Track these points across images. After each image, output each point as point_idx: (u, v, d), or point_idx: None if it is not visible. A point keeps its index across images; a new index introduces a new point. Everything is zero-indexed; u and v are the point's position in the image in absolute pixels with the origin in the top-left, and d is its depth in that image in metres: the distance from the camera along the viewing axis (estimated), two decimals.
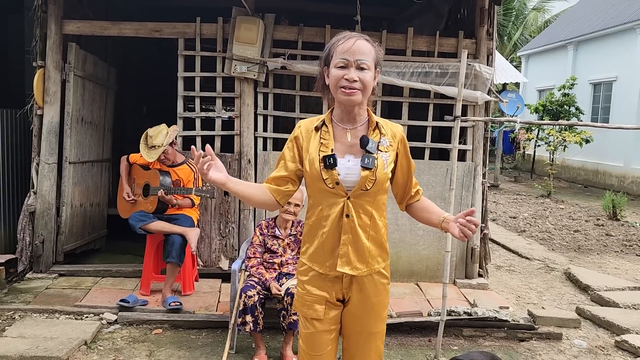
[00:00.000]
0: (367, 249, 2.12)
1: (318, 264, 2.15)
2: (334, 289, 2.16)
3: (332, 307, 2.17)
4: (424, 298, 4.96)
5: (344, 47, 2.00)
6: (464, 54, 3.71)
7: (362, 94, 2.03)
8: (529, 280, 6.12)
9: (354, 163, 2.08)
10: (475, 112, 5.19)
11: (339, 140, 2.12)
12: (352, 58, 1.99)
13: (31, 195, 5.10)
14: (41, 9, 5.00)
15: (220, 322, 4.22)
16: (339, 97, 2.04)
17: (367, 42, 2.04)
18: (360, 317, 2.18)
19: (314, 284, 2.16)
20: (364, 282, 2.15)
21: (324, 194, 2.10)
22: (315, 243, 2.14)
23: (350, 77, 1.98)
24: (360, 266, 2.12)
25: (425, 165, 5.24)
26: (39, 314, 4.26)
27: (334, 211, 2.08)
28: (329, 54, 2.07)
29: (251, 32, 4.88)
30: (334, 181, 2.06)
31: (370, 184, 2.06)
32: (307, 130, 2.15)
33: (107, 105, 6.11)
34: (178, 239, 4.48)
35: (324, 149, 2.09)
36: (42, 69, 5.05)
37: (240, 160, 5.17)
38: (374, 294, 2.17)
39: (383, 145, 2.11)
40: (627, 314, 4.85)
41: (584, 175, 16.35)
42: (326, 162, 2.05)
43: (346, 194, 2.07)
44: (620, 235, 8.64)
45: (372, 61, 2.03)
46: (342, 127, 2.13)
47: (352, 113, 2.10)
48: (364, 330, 2.19)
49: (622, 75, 15.10)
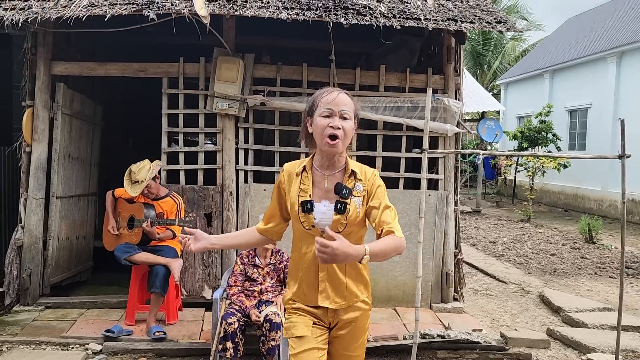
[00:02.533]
0: (344, 285, 2.30)
1: (301, 300, 2.35)
2: (320, 318, 2.35)
3: (319, 327, 2.34)
4: (400, 322, 5.14)
5: (328, 98, 2.24)
6: (429, 90, 4.00)
7: (343, 143, 2.24)
8: (504, 303, 6.33)
9: (328, 208, 2.27)
10: (445, 144, 5.47)
11: (317, 186, 2.32)
12: (337, 108, 2.22)
13: (19, 230, 5.25)
14: (31, 51, 5.25)
15: (203, 349, 4.36)
16: (323, 147, 2.25)
17: (347, 96, 2.29)
18: (342, 341, 2.37)
19: (301, 313, 2.35)
20: (349, 309, 2.34)
21: (303, 234, 2.32)
22: (297, 280, 2.35)
23: (335, 125, 2.20)
24: (339, 300, 2.31)
25: (399, 194, 5.49)
26: (25, 346, 4.37)
27: (311, 250, 2.25)
28: (313, 105, 2.29)
29: (232, 72, 5.16)
30: (310, 224, 2.27)
31: (342, 227, 2.24)
32: (289, 175, 2.37)
33: (93, 141, 6.32)
34: (162, 269, 4.65)
35: (303, 194, 2.29)
36: (30, 108, 5.27)
37: (223, 193, 5.38)
38: (356, 319, 2.36)
39: (357, 191, 2.28)
40: (594, 334, 5.07)
41: (564, 200, 16.74)
42: (304, 207, 2.26)
43: (321, 235, 2.20)
44: (594, 258, 8.91)
45: (352, 112, 2.26)
46: (321, 173, 2.33)
47: (332, 160, 2.31)
48: (344, 353, 2.39)
49: (595, 103, 15.65)
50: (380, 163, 5.53)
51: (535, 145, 15.21)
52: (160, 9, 4.56)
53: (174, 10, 4.54)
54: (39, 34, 5.20)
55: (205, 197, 5.39)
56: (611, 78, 14.89)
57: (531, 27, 25.57)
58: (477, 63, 24.60)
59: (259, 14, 4.57)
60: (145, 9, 4.53)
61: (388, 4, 4.85)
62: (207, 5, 4.60)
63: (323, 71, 5.49)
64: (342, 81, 5.42)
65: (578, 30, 19.67)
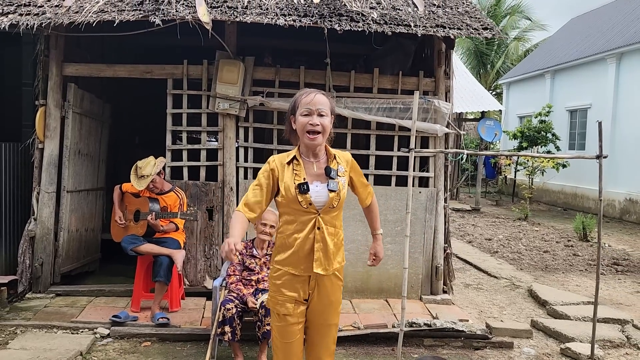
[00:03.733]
0: (332, 253, 2.72)
1: (293, 267, 2.69)
2: (302, 289, 2.72)
3: (299, 304, 2.74)
4: (391, 312, 5.43)
5: (307, 99, 2.65)
6: (416, 93, 4.25)
7: (323, 136, 2.66)
8: (494, 296, 6.60)
9: (321, 187, 2.69)
10: (436, 143, 5.74)
11: (308, 171, 2.71)
12: (314, 107, 2.62)
13: (32, 222, 5.57)
14: (44, 53, 5.56)
15: (203, 335, 4.66)
16: (305, 141, 2.67)
17: (323, 95, 2.68)
18: (321, 312, 2.77)
19: (286, 286, 2.71)
20: (324, 284, 2.74)
21: (299, 213, 2.67)
22: (291, 251, 2.68)
23: (314, 122, 2.61)
24: (329, 267, 2.71)
25: (391, 191, 5.77)
26: (38, 329, 4.69)
27: (307, 225, 2.66)
28: (295, 105, 2.70)
29: (233, 74, 5.45)
30: (307, 202, 2.65)
31: (336, 202, 2.69)
32: (281, 164, 2.73)
33: (102, 138, 6.63)
34: (166, 260, 4.96)
35: (297, 178, 2.67)
36: (43, 106, 5.58)
37: (224, 188, 5.68)
38: (332, 293, 2.78)
39: (340, 172, 2.76)
40: (575, 325, 5.33)
41: (563, 199, 16.94)
42: (301, 188, 2.64)
43: (317, 212, 2.67)
44: (586, 255, 9.15)
45: (328, 109, 2.67)
46: (308, 160, 2.74)
47: (314, 151, 2.73)
48: (324, 322, 2.79)
49: (595, 103, 15.83)
50: (374, 161, 5.81)
51: (535, 144, 15.41)
52: (166, 15, 4.85)
53: (178, 16, 4.83)
54: (52, 37, 5.51)
55: (207, 192, 5.69)
56: (610, 79, 15.07)
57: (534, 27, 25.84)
58: (480, 62, 24.78)
59: (258, 20, 4.86)
60: (152, 15, 4.83)
61: (380, 10, 5.12)
62: (209, 12, 4.89)
63: (319, 73, 5.77)
64: (337, 83, 5.70)
65: (580, 30, 19.82)
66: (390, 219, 5.70)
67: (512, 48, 25.02)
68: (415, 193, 5.62)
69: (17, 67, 6.77)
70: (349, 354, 4.57)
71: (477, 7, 5.64)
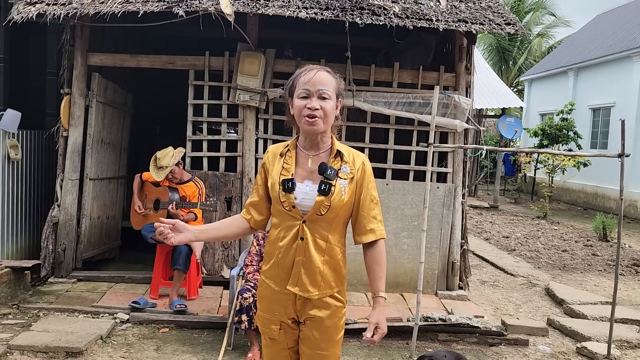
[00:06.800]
0: (320, 272, 2.16)
1: (273, 281, 2.22)
2: (288, 308, 2.21)
3: (287, 329, 2.24)
4: (406, 306, 5.44)
5: (306, 78, 2.11)
6: (436, 88, 4.26)
7: (324, 122, 2.12)
8: (510, 294, 6.57)
9: (311, 189, 2.15)
10: (455, 139, 5.72)
11: (301, 166, 2.20)
12: (314, 88, 2.09)
13: (55, 208, 5.69)
14: (69, 42, 5.66)
15: (220, 323, 4.73)
16: (302, 126, 2.14)
17: (327, 73, 2.15)
18: (312, 339, 2.21)
19: (270, 302, 2.24)
20: (318, 304, 2.19)
21: (283, 216, 2.19)
22: (272, 261, 2.21)
23: (312, 106, 2.08)
24: (312, 289, 2.16)
25: (409, 185, 5.77)
26: (60, 313, 4.81)
27: (290, 233, 2.16)
28: (292, 85, 2.17)
29: (254, 66, 5.49)
30: (290, 204, 2.14)
31: (324, 209, 2.12)
32: (273, 155, 2.26)
33: (124, 127, 6.74)
34: (184, 248, 5.03)
35: (285, 172, 2.18)
36: (68, 95, 5.68)
37: (242, 179, 5.74)
38: (327, 317, 2.20)
39: (343, 173, 2.17)
40: (592, 325, 5.30)
41: (583, 198, 16.72)
42: (285, 185, 2.14)
43: (302, 218, 2.15)
44: (606, 255, 9.04)
45: (333, 91, 2.13)
46: (305, 153, 2.21)
47: (315, 140, 2.18)
48: (315, 351, 2.23)
49: (619, 101, 15.57)
50: (392, 156, 5.81)
51: (556, 142, 15.23)
52: (189, 7, 4.91)
53: (201, 8, 4.88)
54: (77, 27, 5.60)
55: (226, 183, 5.75)
56: (636, 77, 14.79)
57: (559, 24, 25.44)
58: (502, 59, 24.50)
59: (280, 12, 4.88)
60: (175, 6, 4.88)
61: (402, 4, 5.12)
62: (231, 4, 4.93)
63: (339, 67, 5.77)
64: (357, 77, 5.71)
65: (605, 27, 19.47)
66: (407, 213, 5.70)
67: (535, 44, 24.71)
68: (433, 188, 5.61)
69: (42, 57, 6.91)
70: (364, 347, 4.61)
71: (500, 2, 5.60)
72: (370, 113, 5.72)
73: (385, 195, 5.64)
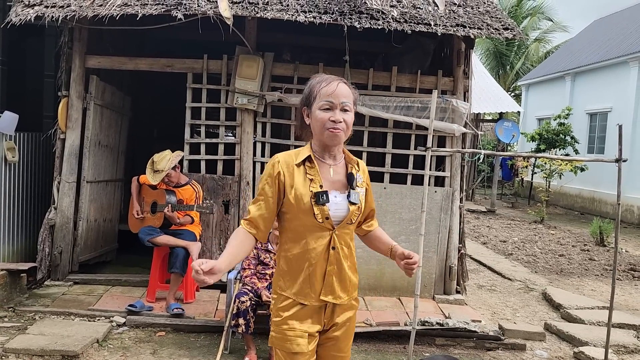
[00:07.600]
0: (349, 278, 2.24)
1: (304, 296, 2.18)
2: (317, 320, 2.21)
3: (312, 339, 2.21)
4: (403, 310, 5.44)
5: (328, 90, 2.12)
6: (434, 92, 4.26)
7: (345, 134, 2.16)
8: (507, 298, 6.57)
9: (340, 199, 2.18)
10: (453, 143, 5.73)
11: (324, 177, 2.19)
12: (337, 101, 2.11)
13: (52, 210, 5.67)
14: (67, 45, 5.65)
15: (217, 327, 4.72)
16: (324, 138, 2.14)
17: (346, 85, 2.18)
18: (337, 343, 2.28)
19: (298, 317, 2.18)
20: (345, 308, 2.26)
21: (311, 228, 2.15)
22: (302, 276, 2.17)
23: (337, 119, 2.10)
24: (343, 295, 2.22)
25: (407, 189, 5.77)
26: (56, 316, 4.79)
27: (321, 244, 2.15)
28: (310, 95, 2.17)
29: (252, 69, 5.49)
30: (324, 216, 2.13)
31: (355, 217, 2.21)
32: (287, 165, 2.18)
33: (121, 130, 6.73)
34: (182, 251, 5.02)
35: (313, 185, 2.14)
36: (66, 98, 5.67)
37: (240, 182, 5.73)
38: (351, 319, 2.29)
39: (359, 182, 2.26)
40: (589, 330, 5.29)
41: (580, 203, 16.75)
42: (319, 198, 2.12)
43: (333, 228, 2.16)
44: (603, 260, 9.05)
45: (352, 103, 2.17)
46: (326, 163, 2.21)
47: (332, 151, 2.21)
48: (336, 354, 2.30)
49: (616, 107, 15.62)
50: (390, 160, 5.82)
51: (553, 147, 15.26)
52: (188, 10, 4.91)
53: (200, 11, 4.88)
54: (75, 29, 5.60)
55: (223, 186, 5.75)
56: (633, 82, 14.85)
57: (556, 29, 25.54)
58: (499, 63, 24.57)
59: (279, 16, 4.89)
60: (174, 10, 4.89)
61: (401, 9, 5.13)
62: (230, 7, 4.93)
63: (338, 70, 5.79)
64: (355, 80, 5.70)
65: (602, 33, 19.55)
66: (405, 217, 5.70)
67: (533, 49, 24.77)
68: (430, 192, 5.61)
69: (40, 59, 6.89)
70: (361, 350, 4.60)
71: (498, 7, 5.62)
72: (368, 117, 5.73)
73: (383, 199, 5.64)
